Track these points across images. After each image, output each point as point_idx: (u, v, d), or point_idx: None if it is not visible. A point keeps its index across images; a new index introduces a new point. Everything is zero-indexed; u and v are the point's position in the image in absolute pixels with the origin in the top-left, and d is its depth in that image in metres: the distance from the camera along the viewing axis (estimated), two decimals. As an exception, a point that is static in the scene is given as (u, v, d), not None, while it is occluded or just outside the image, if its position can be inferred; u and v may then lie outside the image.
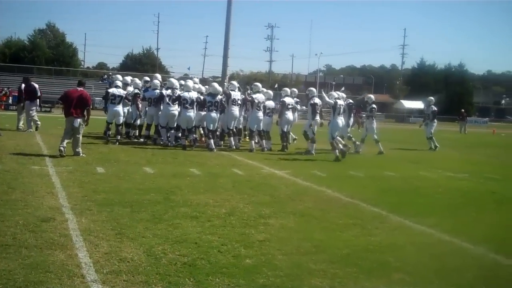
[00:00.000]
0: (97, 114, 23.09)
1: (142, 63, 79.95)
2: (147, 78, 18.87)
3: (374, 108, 18.86)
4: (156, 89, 17.11)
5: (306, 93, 17.72)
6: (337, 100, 16.23)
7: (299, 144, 19.00)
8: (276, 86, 19.25)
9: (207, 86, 18.30)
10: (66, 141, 12.89)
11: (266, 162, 14.20)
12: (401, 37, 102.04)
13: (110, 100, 16.46)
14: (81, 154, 12.96)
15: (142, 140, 17.41)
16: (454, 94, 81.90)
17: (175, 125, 16.52)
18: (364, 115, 19.61)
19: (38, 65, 61.66)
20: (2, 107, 37.79)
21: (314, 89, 17.73)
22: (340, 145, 15.73)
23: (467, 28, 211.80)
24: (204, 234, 6.64)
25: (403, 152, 20.52)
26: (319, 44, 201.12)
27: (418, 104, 76.22)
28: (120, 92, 16.34)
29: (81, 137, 13.33)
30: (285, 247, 6.32)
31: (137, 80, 18.80)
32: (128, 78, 18.55)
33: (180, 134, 16.59)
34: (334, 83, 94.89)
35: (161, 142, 16.70)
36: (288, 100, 17.29)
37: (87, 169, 11.13)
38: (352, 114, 18.14)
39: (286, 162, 14.64)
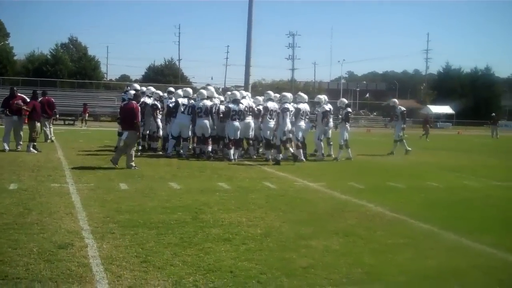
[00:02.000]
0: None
1: (164, 74, 79.73)
2: (172, 89, 18.20)
3: (349, 112, 17.91)
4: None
5: (316, 101, 17.40)
6: (300, 105, 16.02)
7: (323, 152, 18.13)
8: (299, 93, 18.43)
9: (229, 92, 17.73)
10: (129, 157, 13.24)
11: (298, 173, 13.43)
12: (424, 42, 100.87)
13: None
14: (133, 168, 13.05)
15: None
16: (481, 98, 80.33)
17: (188, 136, 16.24)
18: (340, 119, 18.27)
19: (60, 78, 61.67)
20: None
21: (322, 97, 17.45)
22: (291, 149, 15.83)
23: (491, 30, 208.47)
24: (239, 260, 5.89)
25: (439, 159, 19.59)
26: (340, 51, 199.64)
27: (445, 109, 75.08)
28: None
29: (132, 152, 13.36)
30: (333, 275, 5.54)
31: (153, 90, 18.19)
32: (141, 87, 18.17)
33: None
34: (358, 89, 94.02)
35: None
36: (271, 105, 16.13)
37: (109, 185, 10.47)
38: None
39: (319, 173, 13.85)
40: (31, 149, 15.93)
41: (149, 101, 16.96)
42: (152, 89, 18.11)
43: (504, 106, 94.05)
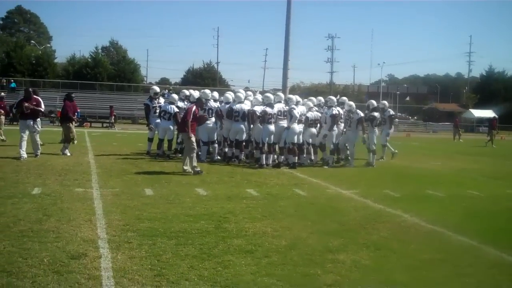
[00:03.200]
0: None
1: (203, 77, 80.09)
2: (186, 92, 17.75)
3: (374, 117, 17.08)
4: (172, 103, 16.50)
5: (326, 101, 16.67)
6: (294, 107, 15.24)
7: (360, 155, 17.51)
8: (338, 97, 17.89)
9: (259, 94, 17.39)
10: (188, 160, 13.02)
11: (331, 180, 12.95)
12: (466, 44, 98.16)
13: (160, 116, 16.47)
14: (194, 171, 12.91)
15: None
16: (527, 101, 77.78)
17: (215, 139, 15.92)
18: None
19: (100, 81, 62.40)
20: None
21: (334, 98, 16.69)
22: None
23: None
24: (259, 276, 5.49)
25: (481, 166, 18.82)
26: (380, 53, 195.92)
27: (488, 113, 72.93)
28: (172, 108, 16.15)
29: (194, 155, 13.15)
30: (360, 295, 5.07)
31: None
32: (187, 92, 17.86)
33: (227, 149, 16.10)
34: (398, 92, 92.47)
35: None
36: (257, 108, 15.40)
37: (134, 191, 10.18)
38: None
39: (353, 179, 13.33)
40: (66, 151, 15.86)
41: (181, 104, 16.68)
42: (186, 92, 17.82)
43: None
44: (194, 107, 13.20)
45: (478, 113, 75.24)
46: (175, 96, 17.24)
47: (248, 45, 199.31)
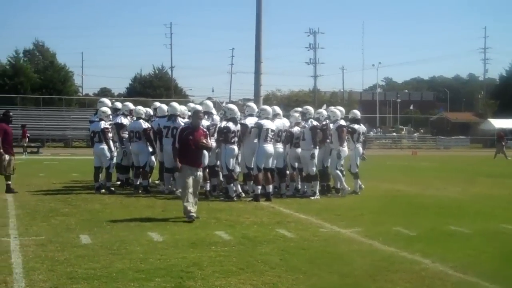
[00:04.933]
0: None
1: (154, 86, 79.99)
2: (158, 104, 17.67)
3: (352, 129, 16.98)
4: (140, 118, 16.44)
5: (303, 113, 16.39)
6: (264, 122, 15.05)
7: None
8: (324, 107, 17.71)
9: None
10: (191, 201, 11.81)
11: (324, 215, 12.69)
12: (480, 38, 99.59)
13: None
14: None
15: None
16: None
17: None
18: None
19: (21, 93, 61.62)
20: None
21: (312, 108, 16.61)
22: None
23: None
24: None
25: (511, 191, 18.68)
26: (375, 52, 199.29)
27: (511, 123, 73.79)
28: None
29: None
30: None
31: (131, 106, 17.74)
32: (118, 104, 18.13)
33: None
34: (399, 100, 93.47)
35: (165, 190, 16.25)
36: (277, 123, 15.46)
37: (66, 239, 9.72)
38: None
39: (353, 213, 13.12)
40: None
41: (125, 121, 16.54)
42: (130, 105, 17.56)
43: None
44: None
45: (500, 123, 75.75)
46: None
47: (210, 44, 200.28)
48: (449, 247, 9.72)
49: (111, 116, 16.45)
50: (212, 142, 13.86)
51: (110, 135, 16.10)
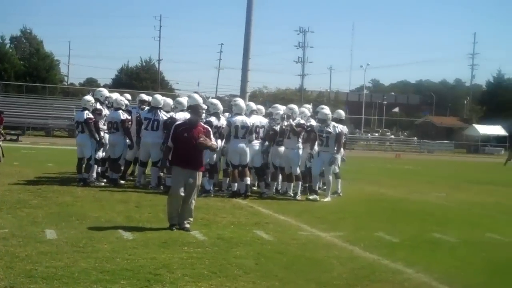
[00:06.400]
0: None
1: (140, 78, 79.69)
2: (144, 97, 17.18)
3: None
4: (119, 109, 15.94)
5: (270, 112, 16.14)
6: (237, 118, 14.75)
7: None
8: (310, 106, 17.29)
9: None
10: (176, 208, 10.52)
11: (305, 217, 12.29)
12: (469, 44, 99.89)
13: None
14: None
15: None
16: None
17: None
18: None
19: (5, 80, 60.87)
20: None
21: (296, 107, 16.21)
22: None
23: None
24: None
25: (498, 199, 18.45)
26: (363, 53, 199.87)
27: (496, 130, 73.89)
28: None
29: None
30: None
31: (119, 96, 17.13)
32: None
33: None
34: (385, 102, 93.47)
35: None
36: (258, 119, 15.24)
37: (30, 232, 9.21)
38: None
39: (335, 217, 12.76)
40: None
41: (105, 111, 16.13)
42: (128, 96, 17.16)
43: None
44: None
45: (484, 129, 76.00)
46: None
47: (199, 39, 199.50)
48: (433, 256, 9.34)
49: (97, 105, 15.92)
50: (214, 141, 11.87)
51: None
